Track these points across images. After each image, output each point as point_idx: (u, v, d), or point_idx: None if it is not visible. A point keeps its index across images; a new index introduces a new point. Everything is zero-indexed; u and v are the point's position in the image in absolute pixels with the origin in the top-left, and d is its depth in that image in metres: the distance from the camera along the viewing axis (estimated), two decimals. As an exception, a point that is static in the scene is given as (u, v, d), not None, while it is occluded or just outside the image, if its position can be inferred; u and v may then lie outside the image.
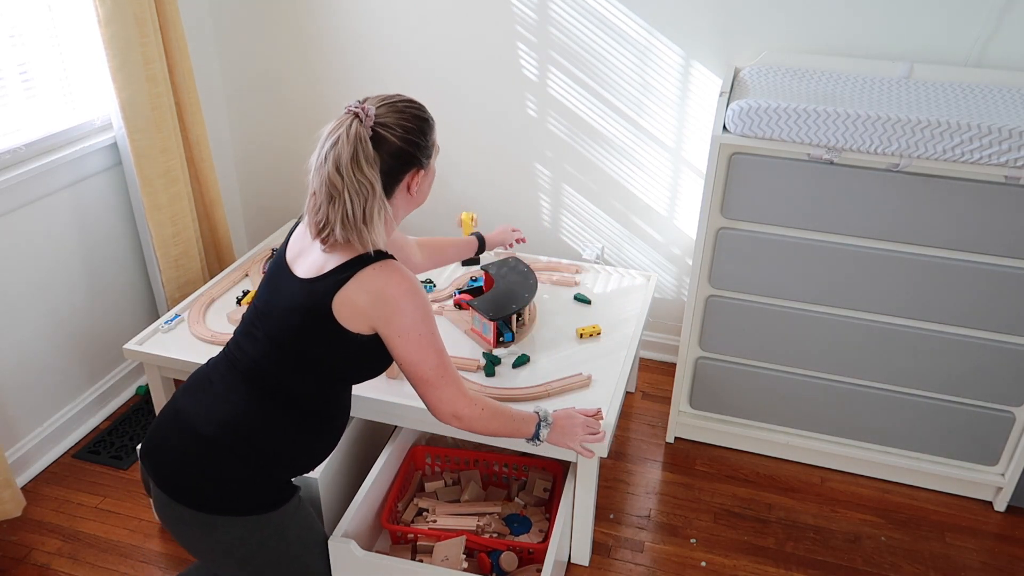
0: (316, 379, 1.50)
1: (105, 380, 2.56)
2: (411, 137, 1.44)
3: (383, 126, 1.41)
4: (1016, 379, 2.07)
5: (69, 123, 2.30)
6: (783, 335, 2.20)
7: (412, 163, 1.46)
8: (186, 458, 1.46)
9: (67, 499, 2.23)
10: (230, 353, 1.54)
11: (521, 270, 2.28)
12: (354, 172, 1.37)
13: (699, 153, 2.53)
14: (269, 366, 1.48)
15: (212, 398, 1.50)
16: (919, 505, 2.26)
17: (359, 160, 1.38)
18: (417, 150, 1.46)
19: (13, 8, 2.11)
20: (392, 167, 1.43)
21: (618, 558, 2.07)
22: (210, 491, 1.45)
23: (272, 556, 1.52)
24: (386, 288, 1.42)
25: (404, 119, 1.44)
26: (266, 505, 1.49)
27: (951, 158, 1.85)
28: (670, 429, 2.45)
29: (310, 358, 1.47)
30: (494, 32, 2.53)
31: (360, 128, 1.39)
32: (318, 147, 1.42)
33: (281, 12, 2.70)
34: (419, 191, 1.52)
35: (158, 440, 1.51)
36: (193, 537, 1.49)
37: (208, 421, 1.47)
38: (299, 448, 1.54)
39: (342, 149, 1.38)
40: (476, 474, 2.14)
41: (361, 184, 1.38)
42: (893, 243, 2.01)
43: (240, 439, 1.47)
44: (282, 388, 1.49)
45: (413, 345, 1.46)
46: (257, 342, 1.49)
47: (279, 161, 2.99)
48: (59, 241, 2.30)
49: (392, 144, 1.42)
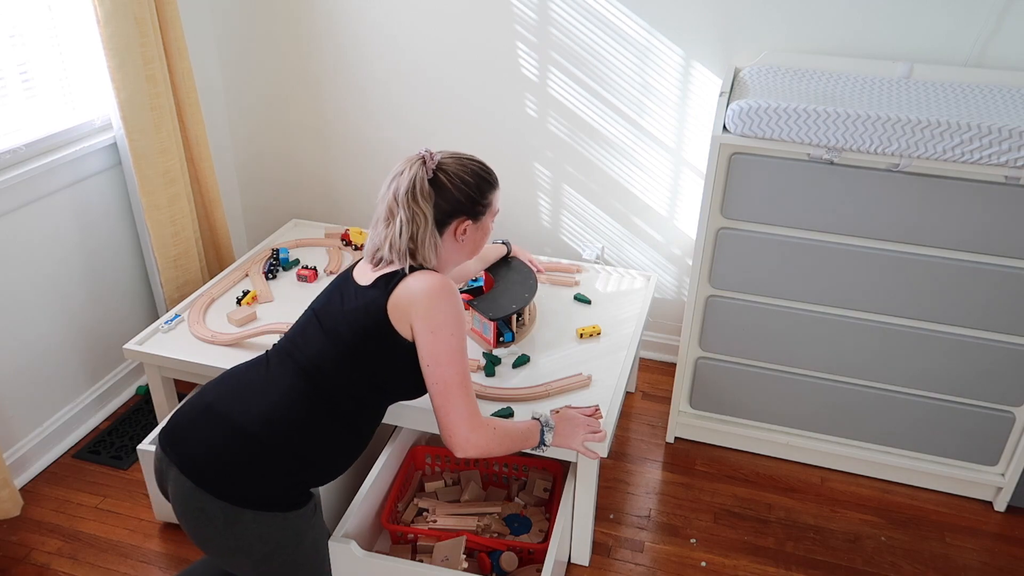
0: (365, 384, 1.57)
1: (105, 380, 2.56)
2: (465, 188, 1.58)
3: (444, 172, 1.57)
4: (1016, 379, 2.07)
5: (69, 123, 2.30)
6: (783, 335, 2.20)
7: (462, 211, 1.59)
8: (218, 448, 1.48)
9: (67, 499, 2.23)
10: (283, 349, 1.60)
11: (521, 270, 2.28)
12: (408, 201, 1.53)
13: (699, 153, 2.53)
14: (326, 364, 1.54)
15: (254, 391, 1.54)
16: (919, 505, 2.26)
17: (415, 192, 1.54)
18: (469, 201, 1.60)
19: (13, 8, 2.11)
20: (444, 210, 1.57)
21: (618, 558, 2.07)
22: (239, 482, 1.47)
23: (286, 558, 1.53)
24: (431, 285, 1.52)
25: (464, 172, 1.59)
26: (290, 505, 1.51)
27: (951, 158, 1.85)
28: (670, 429, 2.45)
29: (365, 360, 1.54)
30: (494, 32, 2.53)
31: (421, 169, 1.56)
32: (386, 179, 1.59)
33: (280, 12, 2.70)
34: (467, 241, 1.64)
35: (185, 429, 1.52)
36: (212, 530, 1.49)
37: (249, 413, 1.50)
38: (331, 453, 1.57)
39: (402, 181, 1.55)
40: (476, 474, 2.14)
41: (415, 213, 1.54)
42: (893, 243, 2.01)
43: (280, 433, 1.50)
44: (333, 389, 1.54)
45: (444, 348, 1.52)
46: (315, 340, 1.57)
47: (279, 161, 2.99)
48: (59, 241, 2.30)
49: (447, 190, 1.57)
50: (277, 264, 2.51)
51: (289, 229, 2.79)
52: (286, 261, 2.52)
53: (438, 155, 1.59)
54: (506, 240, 2.33)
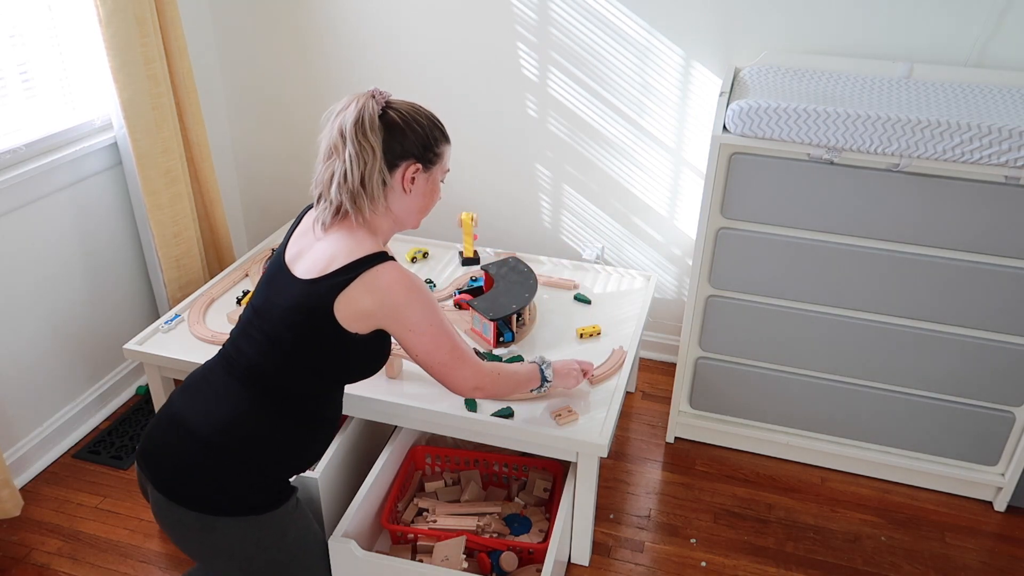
0: (313, 379, 1.51)
1: (105, 380, 2.56)
2: (417, 127, 1.47)
3: (394, 109, 1.46)
4: (1016, 379, 2.07)
5: (69, 123, 2.30)
6: (783, 335, 2.20)
7: (411, 153, 1.48)
8: (184, 460, 1.46)
9: (67, 499, 2.23)
10: (227, 354, 1.54)
11: (521, 270, 2.28)
12: (356, 135, 1.41)
13: (699, 153, 2.53)
14: (267, 366, 1.48)
15: (209, 400, 1.50)
16: (919, 505, 2.26)
17: (363, 125, 1.42)
18: (421, 145, 1.48)
19: (13, 8, 2.11)
20: (392, 147, 1.45)
21: (618, 558, 2.07)
22: (209, 492, 1.45)
23: (271, 557, 1.52)
24: (391, 289, 1.45)
25: (416, 112, 1.49)
26: (265, 505, 1.50)
27: (951, 158, 1.85)
28: (670, 429, 2.45)
29: (308, 358, 1.48)
30: (494, 33, 2.53)
31: (371, 102, 1.44)
32: (329, 116, 1.47)
33: (281, 11, 2.70)
34: (416, 192, 1.52)
35: (155, 443, 1.50)
36: (192, 539, 1.49)
37: (206, 423, 1.47)
38: (295, 449, 1.54)
39: (348, 115, 1.43)
40: (476, 474, 2.14)
41: (362, 147, 1.41)
42: (893, 243, 2.01)
43: (238, 440, 1.47)
44: (280, 388, 1.49)
45: (427, 337, 1.50)
46: (255, 342, 1.50)
47: (279, 161, 2.99)
48: (59, 241, 2.30)
49: (396, 125, 1.45)
50: (277, 264, 2.51)
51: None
52: (286, 261, 2.52)
53: (388, 93, 1.48)
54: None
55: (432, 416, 1.91)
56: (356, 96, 1.46)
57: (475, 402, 1.93)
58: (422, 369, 1.59)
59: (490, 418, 1.88)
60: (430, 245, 2.66)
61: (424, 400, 1.94)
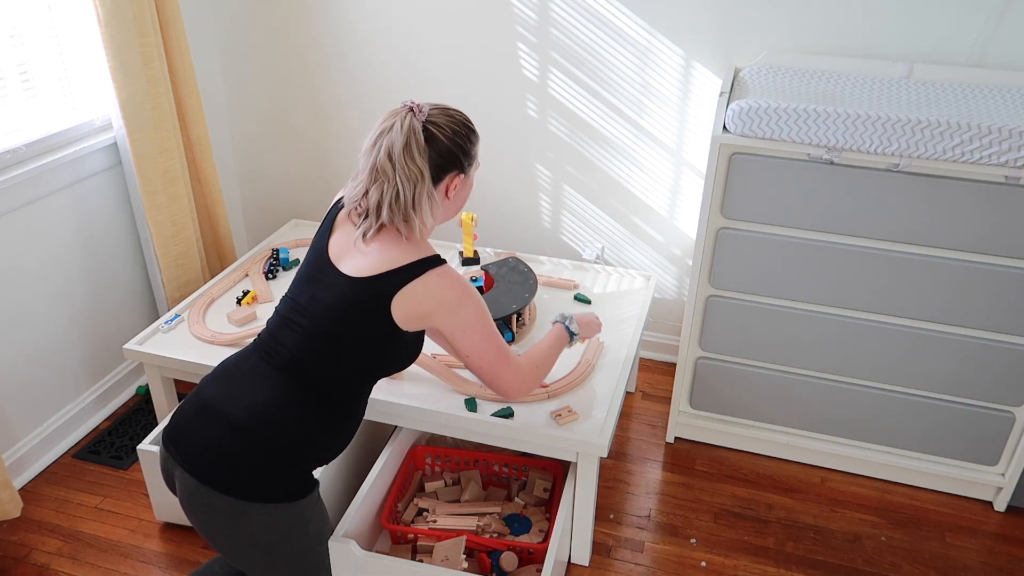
0: (352, 372, 1.56)
1: (105, 380, 2.56)
2: (458, 140, 1.53)
3: (434, 125, 1.50)
4: (1016, 379, 2.07)
5: (69, 123, 2.30)
6: (783, 335, 2.20)
7: (455, 165, 1.55)
8: (218, 444, 1.49)
9: (67, 499, 2.23)
10: (264, 345, 1.58)
11: (521, 270, 2.28)
12: (405, 160, 1.46)
13: (699, 153, 2.53)
14: (309, 359, 1.53)
15: (246, 387, 1.53)
16: (919, 505, 2.26)
17: (411, 149, 1.46)
18: (462, 153, 1.55)
19: (13, 8, 2.11)
20: (438, 163, 1.52)
21: (618, 558, 2.07)
22: (242, 478, 1.48)
23: (293, 547, 1.55)
24: (451, 291, 1.53)
25: (454, 123, 1.54)
26: (293, 494, 1.53)
27: (951, 158, 1.85)
28: (670, 429, 2.45)
29: (353, 353, 1.54)
30: (494, 33, 2.53)
31: (414, 121, 1.48)
32: (371, 133, 1.50)
33: (282, 11, 2.70)
34: (456, 196, 1.60)
35: (187, 427, 1.53)
36: (220, 525, 1.51)
37: (242, 409, 1.50)
38: (325, 440, 1.59)
39: (396, 137, 1.46)
40: (476, 474, 2.14)
41: (411, 171, 1.47)
42: (893, 243, 2.01)
43: (273, 428, 1.50)
44: (318, 380, 1.54)
45: (479, 337, 1.59)
46: (297, 335, 1.54)
47: (280, 161, 2.99)
48: (59, 241, 2.30)
49: (440, 143, 1.51)
50: (277, 264, 2.51)
51: (289, 229, 2.79)
52: (286, 261, 2.52)
53: (424, 105, 1.52)
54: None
55: (432, 416, 1.91)
56: (396, 114, 1.49)
57: (475, 402, 1.93)
58: (471, 372, 1.66)
59: (490, 418, 1.88)
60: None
61: (424, 400, 1.94)
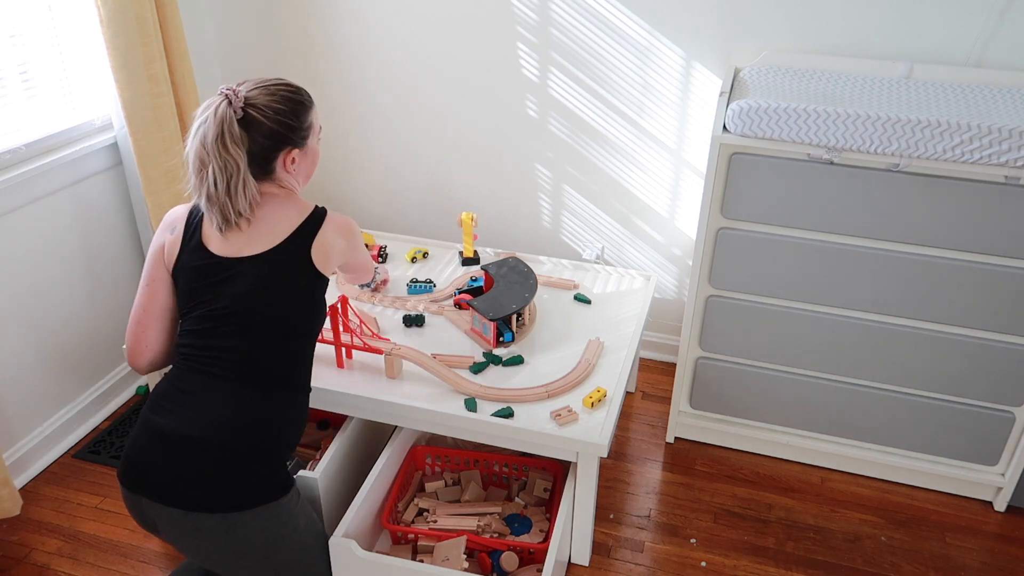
0: (297, 342, 1.59)
1: (105, 380, 2.56)
2: (281, 118, 1.53)
3: (254, 107, 1.50)
4: (1016, 379, 2.07)
5: (69, 123, 2.30)
6: (783, 335, 2.20)
7: (285, 143, 1.56)
8: (193, 469, 1.47)
9: (67, 499, 2.23)
10: (200, 360, 1.54)
11: (521, 270, 2.28)
12: (219, 150, 1.46)
13: (699, 153, 2.53)
14: (256, 351, 1.53)
15: (201, 407, 1.51)
16: (919, 505, 2.26)
17: (224, 140, 1.47)
18: (289, 131, 1.55)
19: (13, 8, 2.11)
20: (264, 146, 1.53)
21: (618, 558, 2.07)
22: (226, 492, 1.48)
23: (288, 546, 1.57)
24: (347, 229, 1.67)
25: (275, 101, 1.53)
26: (279, 491, 1.55)
27: (951, 158, 1.85)
28: (670, 429, 2.45)
29: (292, 320, 1.56)
30: (495, 33, 2.53)
31: (228, 109, 1.48)
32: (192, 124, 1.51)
33: (281, 11, 2.70)
34: (298, 169, 1.62)
35: (150, 465, 1.50)
36: (215, 543, 1.50)
37: (207, 429, 1.49)
38: (292, 425, 1.61)
39: (208, 128, 1.48)
40: (476, 474, 2.14)
41: (227, 161, 1.47)
42: (893, 243, 2.01)
43: (245, 436, 1.50)
44: (269, 370, 1.54)
45: (363, 253, 1.80)
46: (235, 335, 1.52)
47: (279, 161, 2.99)
48: (59, 241, 2.30)
49: (262, 125, 1.51)
50: (277, 264, 2.51)
51: (289, 229, 2.79)
52: (286, 261, 2.52)
53: (242, 88, 1.52)
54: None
55: (432, 416, 1.91)
56: (212, 102, 1.49)
57: (475, 402, 1.93)
58: (350, 278, 1.94)
59: (490, 418, 1.88)
60: (430, 245, 2.66)
61: (424, 400, 1.94)
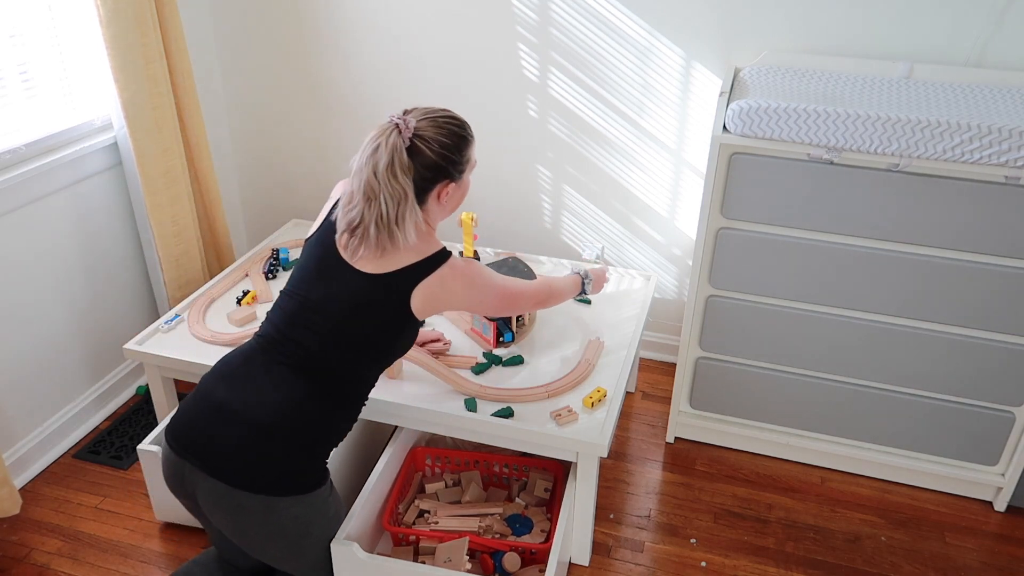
0: (368, 363, 1.64)
1: (105, 380, 2.56)
2: (445, 152, 1.57)
3: (421, 139, 1.55)
4: (1016, 379, 2.07)
5: (69, 123, 2.30)
6: (783, 335, 2.20)
7: (443, 175, 1.60)
8: (244, 447, 1.53)
9: (67, 499, 2.23)
10: (275, 344, 1.61)
11: (521, 270, 2.28)
12: (389, 179, 1.52)
13: (699, 153, 2.53)
14: (327, 356, 1.59)
15: (261, 387, 1.58)
16: (919, 505, 2.26)
17: (394, 168, 1.52)
18: (449, 164, 1.59)
19: (13, 8, 2.11)
20: (425, 177, 1.57)
21: (618, 558, 2.07)
22: (271, 476, 1.54)
23: (318, 533, 1.64)
24: (463, 281, 1.64)
25: (442, 134, 1.57)
26: (317, 483, 1.61)
27: (951, 158, 1.85)
28: (670, 429, 2.45)
29: (369, 344, 1.61)
30: (495, 33, 2.52)
31: (398, 139, 1.53)
32: (360, 152, 1.56)
33: (281, 11, 2.70)
34: (449, 200, 1.65)
35: (202, 434, 1.56)
36: (250, 523, 1.56)
37: (264, 411, 1.55)
38: (341, 427, 1.67)
39: (380, 156, 1.52)
40: (477, 475, 2.14)
41: (395, 189, 1.52)
42: (893, 243, 2.01)
43: (296, 426, 1.56)
44: (334, 376, 1.61)
45: (492, 298, 1.72)
46: (313, 333, 1.59)
47: (279, 161, 2.99)
48: (58, 241, 2.30)
49: (426, 157, 1.55)
50: (277, 264, 2.51)
51: (289, 229, 2.79)
52: (286, 261, 2.52)
53: (411, 119, 1.56)
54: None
55: (432, 416, 1.91)
56: (383, 130, 1.54)
57: (475, 402, 1.93)
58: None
59: (490, 418, 1.88)
60: (430, 245, 2.66)
61: (424, 400, 1.94)
